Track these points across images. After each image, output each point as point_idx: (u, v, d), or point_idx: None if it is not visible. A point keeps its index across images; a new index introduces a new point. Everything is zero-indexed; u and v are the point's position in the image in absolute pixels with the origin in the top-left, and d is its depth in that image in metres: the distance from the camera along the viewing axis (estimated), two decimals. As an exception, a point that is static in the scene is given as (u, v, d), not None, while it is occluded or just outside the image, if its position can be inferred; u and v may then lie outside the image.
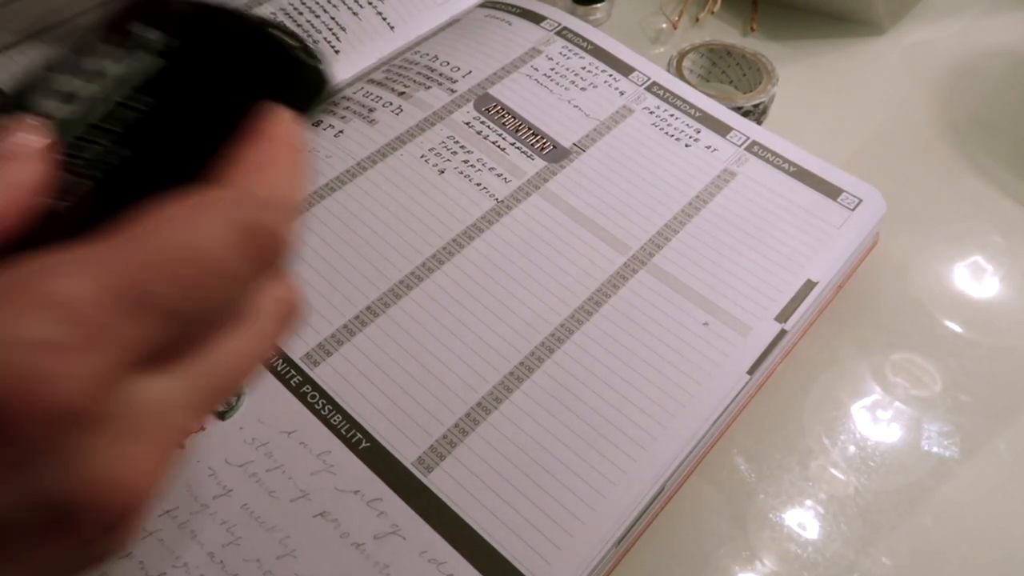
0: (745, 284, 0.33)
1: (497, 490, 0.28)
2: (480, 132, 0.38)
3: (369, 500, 0.27)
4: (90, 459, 0.15)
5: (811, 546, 0.30)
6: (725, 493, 0.31)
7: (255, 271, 0.17)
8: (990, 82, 0.49)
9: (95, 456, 0.15)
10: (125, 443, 0.15)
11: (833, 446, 0.32)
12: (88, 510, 0.15)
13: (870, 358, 0.35)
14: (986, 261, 0.39)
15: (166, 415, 0.16)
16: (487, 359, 0.31)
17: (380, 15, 0.46)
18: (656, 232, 0.35)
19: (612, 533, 0.27)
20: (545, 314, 0.32)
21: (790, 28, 0.51)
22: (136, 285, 0.15)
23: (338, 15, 0.44)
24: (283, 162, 0.18)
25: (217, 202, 0.17)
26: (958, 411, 0.34)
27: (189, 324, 0.16)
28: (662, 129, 0.39)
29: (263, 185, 0.18)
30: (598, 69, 0.41)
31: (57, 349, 0.14)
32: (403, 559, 0.26)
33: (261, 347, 0.18)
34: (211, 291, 0.16)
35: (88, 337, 0.14)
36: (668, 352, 0.31)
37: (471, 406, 0.30)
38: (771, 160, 0.38)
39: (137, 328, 0.15)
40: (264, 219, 0.17)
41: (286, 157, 0.19)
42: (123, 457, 0.15)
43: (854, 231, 0.35)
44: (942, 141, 0.45)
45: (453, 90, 0.40)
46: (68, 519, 0.15)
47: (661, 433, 0.29)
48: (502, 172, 0.37)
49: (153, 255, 0.15)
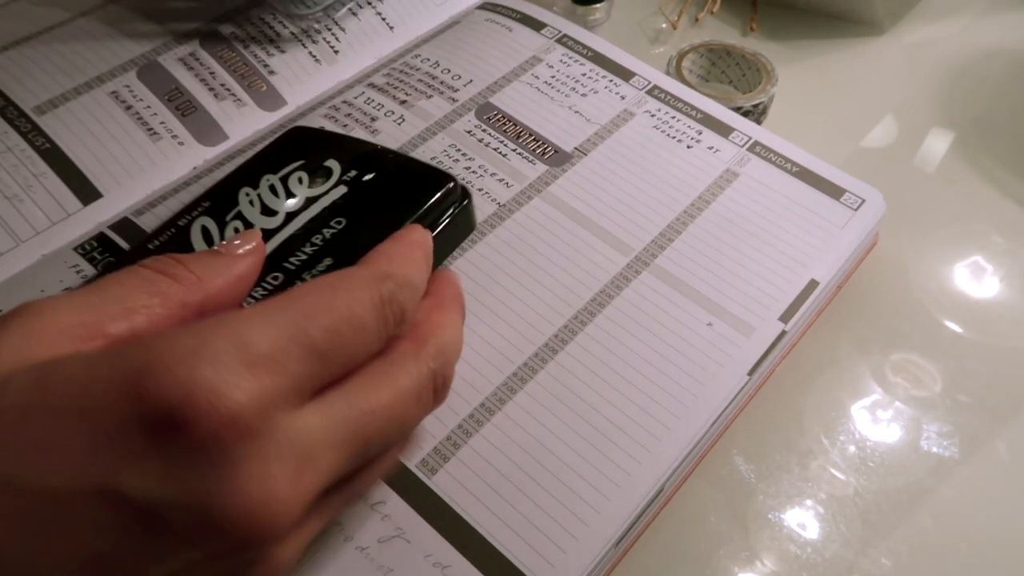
0: (749, 284, 0.34)
1: (501, 492, 0.28)
2: (481, 140, 0.38)
3: (372, 503, 0.27)
4: (241, 468, 0.18)
5: (810, 546, 0.30)
6: (725, 493, 0.31)
7: (386, 328, 0.22)
8: (990, 82, 0.49)
9: (246, 466, 0.18)
10: (271, 462, 0.19)
11: (833, 446, 0.33)
12: (226, 515, 0.18)
13: (870, 358, 0.35)
14: (986, 261, 0.40)
15: (311, 444, 0.20)
16: (490, 360, 0.31)
17: (379, 15, 0.46)
18: (659, 233, 0.35)
19: (615, 535, 0.27)
20: (548, 316, 0.32)
21: (790, 28, 0.51)
22: (302, 331, 0.20)
23: (337, 15, 0.44)
24: (414, 255, 0.25)
25: (364, 277, 0.22)
26: (958, 411, 0.34)
27: (338, 366, 0.21)
28: (664, 131, 0.39)
29: (397, 268, 0.24)
30: (598, 75, 0.41)
31: (238, 373, 0.18)
32: (407, 562, 0.26)
33: (404, 404, 0.22)
34: (355, 339, 0.21)
35: (263, 367, 0.19)
36: (672, 353, 0.31)
37: (474, 407, 0.30)
38: (773, 160, 0.38)
39: (299, 365, 0.20)
40: (396, 292, 0.22)
41: (416, 253, 0.25)
42: (266, 475, 0.19)
43: (856, 232, 0.36)
44: (942, 141, 0.45)
45: (455, 99, 0.40)
46: (210, 522, 0.18)
47: (665, 434, 0.29)
48: (504, 177, 0.37)
49: (315, 309, 0.21)
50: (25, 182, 0.36)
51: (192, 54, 0.41)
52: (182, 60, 0.40)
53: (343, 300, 0.21)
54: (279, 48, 0.42)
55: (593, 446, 0.29)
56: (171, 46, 0.41)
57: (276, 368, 0.19)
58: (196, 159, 0.38)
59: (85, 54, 0.40)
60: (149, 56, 0.40)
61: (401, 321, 0.23)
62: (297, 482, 0.19)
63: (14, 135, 0.36)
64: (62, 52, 0.40)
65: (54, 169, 0.36)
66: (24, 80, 0.38)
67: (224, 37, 0.42)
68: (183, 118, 0.39)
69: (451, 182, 0.29)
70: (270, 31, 0.43)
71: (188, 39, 0.41)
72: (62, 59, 0.39)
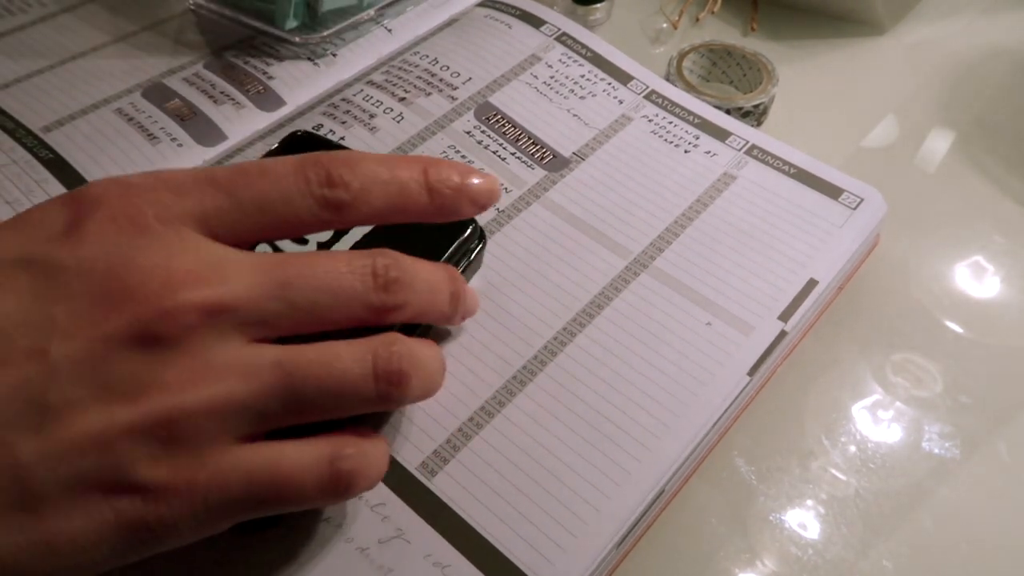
0: (747, 284, 0.34)
1: (501, 493, 0.28)
2: (481, 142, 0.38)
3: (373, 505, 0.27)
4: (141, 252, 0.21)
5: (811, 548, 0.30)
6: (725, 495, 0.31)
7: (307, 186, 0.23)
8: (991, 82, 0.49)
9: (146, 252, 0.22)
10: (174, 256, 0.22)
11: (833, 447, 0.33)
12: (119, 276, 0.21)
13: (871, 359, 0.35)
14: (987, 261, 0.40)
15: (218, 261, 0.22)
16: (489, 364, 0.31)
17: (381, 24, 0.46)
18: (657, 236, 0.35)
19: (616, 536, 0.27)
20: (547, 318, 0.32)
21: (790, 28, 0.51)
22: (206, 171, 0.23)
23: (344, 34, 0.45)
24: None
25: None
26: (959, 412, 0.34)
27: (250, 205, 0.23)
28: (661, 136, 0.39)
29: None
30: (597, 77, 0.41)
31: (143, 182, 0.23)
32: (407, 563, 0.26)
33: (334, 267, 0.23)
34: (261, 181, 0.23)
35: (163, 185, 0.23)
36: (671, 353, 0.31)
37: (474, 410, 0.30)
38: (771, 163, 0.38)
39: (202, 192, 0.23)
40: (323, 161, 0.24)
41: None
42: (168, 264, 0.22)
43: (855, 231, 0.36)
44: (943, 141, 0.45)
45: (454, 97, 0.40)
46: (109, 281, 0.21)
47: (665, 433, 0.29)
48: (503, 182, 0.37)
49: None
50: (27, 187, 0.36)
51: (195, 74, 0.42)
52: (186, 79, 0.42)
53: (262, 161, 0.24)
54: (278, 60, 0.43)
55: (593, 446, 0.29)
56: (176, 71, 0.42)
57: (178, 188, 0.22)
58: (196, 160, 0.38)
59: (95, 83, 0.41)
60: (155, 79, 0.42)
61: (328, 184, 0.23)
62: (201, 283, 0.21)
63: (20, 150, 0.37)
64: (72, 82, 0.41)
65: (55, 175, 0.36)
66: (34, 106, 0.40)
67: (227, 59, 0.43)
68: (182, 123, 0.39)
69: (473, 225, 0.32)
70: (271, 50, 0.44)
71: (192, 64, 0.43)
72: (72, 87, 0.41)
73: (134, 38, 0.44)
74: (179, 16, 0.45)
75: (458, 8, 0.47)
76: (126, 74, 0.42)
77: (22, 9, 0.45)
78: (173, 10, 0.46)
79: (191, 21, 0.45)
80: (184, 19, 0.45)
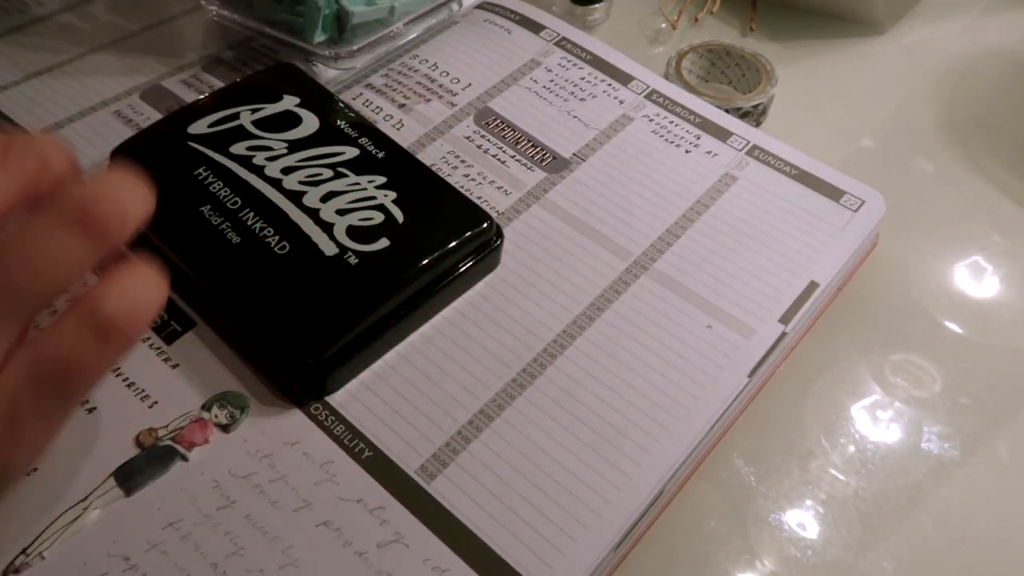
0: (748, 286, 0.34)
1: (501, 496, 0.28)
2: (480, 146, 0.38)
3: (372, 509, 0.27)
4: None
5: (811, 548, 0.30)
6: (725, 496, 0.31)
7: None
8: (991, 82, 0.49)
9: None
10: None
11: (833, 448, 0.33)
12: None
13: (870, 359, 0.35)
14: (986, 262, 0.40)
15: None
16: (488, 366, 0.31)
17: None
18: (657, 237, 0.35)
19: (615, 538, 0.27)
20: (547, 321, 0.32)
21: (790, 28, 0.51)
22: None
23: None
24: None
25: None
26: (958, 412, 0.34)
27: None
28: (662, 136, 0.39)
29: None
30: (597, 79, 0.41)
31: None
32: (406, 567, 0.26)
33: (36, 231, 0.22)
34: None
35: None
36: (672, 355, 0.31)
37: (474, 413, 0.30)
38: (772, 164, 0.38)
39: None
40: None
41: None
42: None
43: (856, 233, 0.36)
44: (942, 141, 0.45)
45: (453, 103, 0.40)
46: None
47: (665, 436, 0.29)
48: (503, 185, 0.37)
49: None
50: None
51: (194, 75, 0.42)
52: (184, 82, 0.42)
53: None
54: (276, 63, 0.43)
55: (593, 449, 0.29)
56: (175, 73, 0.42)
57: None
58: None
59: (94, 85, 0.41)
60: (153, 81, 0.42)
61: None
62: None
63: None
64: (70, 84, 0.41)
65: None
66: (33, 109, 0.40)
67: (226, 61, 0.43)
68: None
69: (488, 220, 0.33)
70: (270, 52, 0.44)
71: (191, 66, 0.43)
72: (70, 89, 0.41)
73: (133, 40, 0.44)
74: (179, 18, 0.45)
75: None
76: (124, 76, 0.42)
77: (20, 9, 0.45)
78: (172, 12, 0.46)
79: (190, 23, 0.45)
80: (183, 21, 0.45)
